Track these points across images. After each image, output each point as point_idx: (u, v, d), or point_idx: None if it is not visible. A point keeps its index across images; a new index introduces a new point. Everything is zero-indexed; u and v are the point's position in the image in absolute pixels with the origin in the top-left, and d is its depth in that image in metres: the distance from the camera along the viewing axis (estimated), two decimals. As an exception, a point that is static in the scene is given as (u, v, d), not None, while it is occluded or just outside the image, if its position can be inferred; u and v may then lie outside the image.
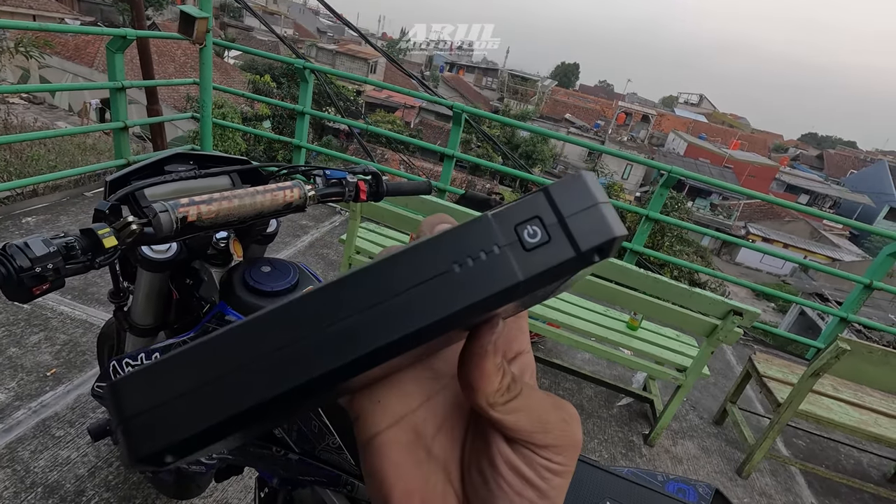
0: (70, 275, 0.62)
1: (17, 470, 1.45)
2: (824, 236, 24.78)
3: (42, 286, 0.59)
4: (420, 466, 0.21)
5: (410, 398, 0.21)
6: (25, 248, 0.57)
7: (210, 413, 0.16)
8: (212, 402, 0.16)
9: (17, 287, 0.57)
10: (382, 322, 0.16)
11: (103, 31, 3.07)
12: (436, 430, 0.21)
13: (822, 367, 1.95)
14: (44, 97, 14.44)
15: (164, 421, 0.16)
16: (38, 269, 0.57)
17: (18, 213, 2.81)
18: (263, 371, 0.16)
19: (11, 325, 1.98)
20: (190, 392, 0.16)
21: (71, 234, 0.63)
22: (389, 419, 0.20)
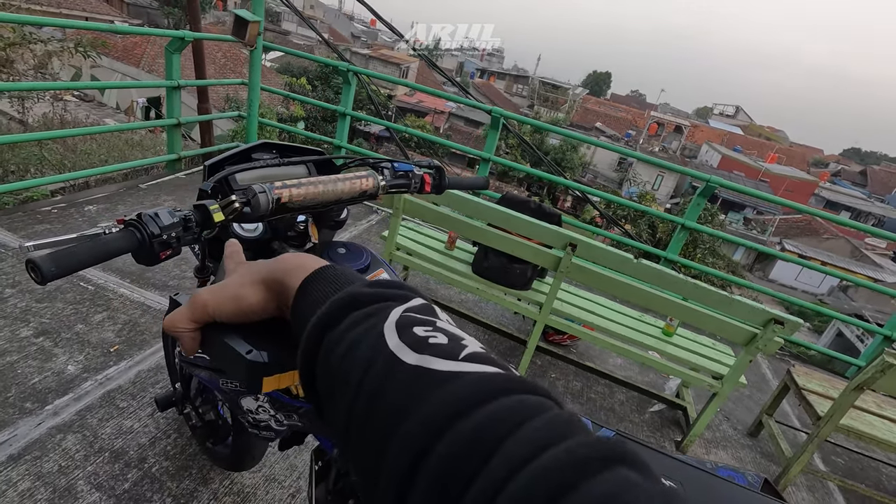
0: (185, 244, 0.70)
1: (87, 435, 1.57)
2: (865, 255, 23.78)
3: (167, 251, 0.67)
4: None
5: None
6: (156, 217, 0.65)
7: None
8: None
9: (149, 251, 0.65)
10: None
11: (165, 32, 3.25)
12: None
13: (866, 381, 1.92)
14: (93, 95, 15.17)
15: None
16: (165, 236, 0.65)
17: (81, 201, 3.00)
18: None
19: (78, 304, 2.12)
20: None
21: (186, 208, 0.71)
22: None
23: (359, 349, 0.30)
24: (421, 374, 0.27)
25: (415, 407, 0.26)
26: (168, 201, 3.27)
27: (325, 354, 0.32)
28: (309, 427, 0.99)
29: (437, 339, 0.30)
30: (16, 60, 6.71)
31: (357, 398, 0.28)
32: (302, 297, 0.37)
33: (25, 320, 1.96)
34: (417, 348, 0.29)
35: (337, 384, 0.30)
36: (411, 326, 0.31)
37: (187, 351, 0.42)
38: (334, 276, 0.38)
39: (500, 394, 0.25)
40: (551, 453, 0.21)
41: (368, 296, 0.34)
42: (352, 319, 0.32)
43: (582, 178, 25.70)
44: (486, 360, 0.28)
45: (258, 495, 1.53)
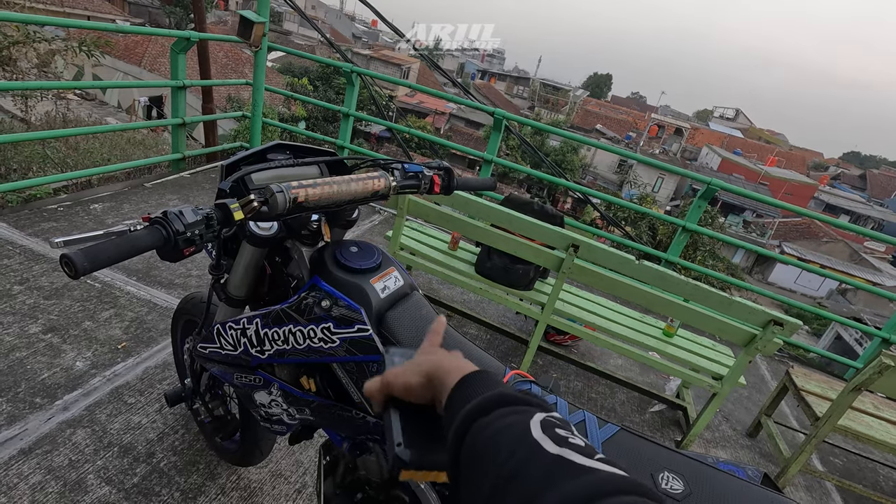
0: (206, 241, 0.73)
1: (96, 430, 1.59)
2: (864, 259, 23.82)
3: (190, 248, 0.69)
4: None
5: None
6: (181, 215, 0.68)
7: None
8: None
9: (173, 248, 0.67)
10: None
11: (171, 33, 3.27)
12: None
13: (863, 381, 1.95)
14: (95, 94, 15.19)
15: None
16: (189, 233, 0.68)
17: (86, 200, 3.02)
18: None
19: (86, 301, 2.14)
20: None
21: (208, 207, 0.74)
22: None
23: (504, 435, 0.38)
24: (563, 461, 0.34)
25: (556, 486, 0.32)
26: (173, 200, 3.29)
27: (473, 435, 0.40)
28: (320, 421, 1.02)
29: (575, 441, 0.37)
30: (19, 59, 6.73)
31: (501, 473, 0.35)
32: (457, 392, 0.47)
33: (34, 317, 1.98)
34: (559, 442, 0.36)
35: (482, 459, 0.37)
36: (553, 427, 0.38)
37: (374, 411, 0.62)
38: (486, 379, 0.48)
39: (626, 492, 0.31)
40: None
41: (516, 397, 0.43)
42: (500, 413, 0.41)
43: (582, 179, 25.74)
44: (614, 465, 0.35)
45: (265, 490, 1.55)
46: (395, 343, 0.85)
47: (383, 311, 0.87)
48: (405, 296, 0.93)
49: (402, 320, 0.87)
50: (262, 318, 0.93)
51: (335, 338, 0.86)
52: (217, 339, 1.02)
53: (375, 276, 0.90)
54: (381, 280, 0.91)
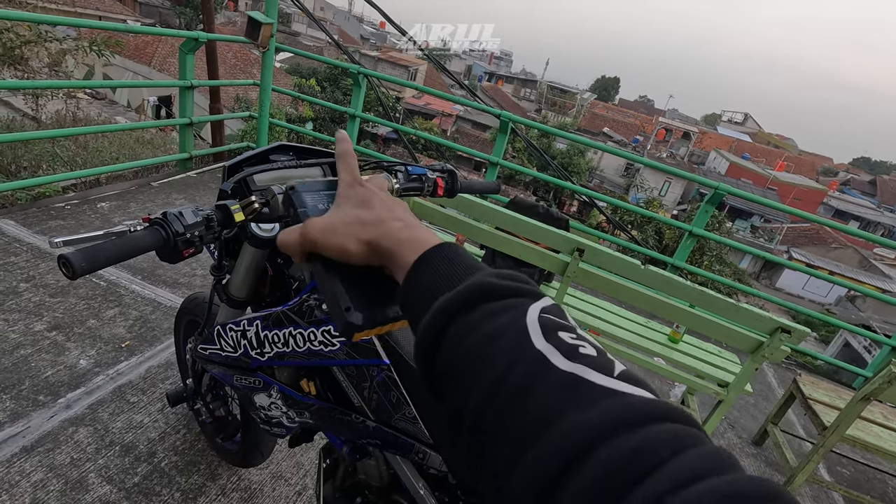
0: (206, 243, 0.72)
1: (98, 429, 1.59)
2: (874, 265, 23.57)
3: (190, 250, 0.68)
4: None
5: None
6: (180, 216, 0.67)
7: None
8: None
9: (172, 249, 0.66)
10: None
11: (180, 33, 3.29)
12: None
13: (873, 391, 1.91)
14: (105, 93, 15.33)
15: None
16: (189, 235, 0.67)
17: (94, 198, 3.04)
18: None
19: (90, 300, 2.15)
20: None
21: (208, 208, 0.73)
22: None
23: (497, 342, 0.31)
24: (579, 382, 0.28)
25: (573, 412, 0.26)
26: (179, 200, 3.31)
27: (454, 339, 0.33)
28: (319, 424, 1.01)
29: (587, 350, 0.30)
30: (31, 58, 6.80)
31: (498, 390, 0.29)
32: (419, 273, 0.39)
33: (39, 314, 1.99)
34: (570, 356, 0.29)
35: (465, 372, 0.31)
36: (556, 330, 0.31)
37: (296, 260, 0.48)
38: (454, 256, 0.39)
39: (661, 419, 0.26)
40: (712, 482, 0.22)
41: (502, 288, 0.35)
42: (486, 310, 0.33)
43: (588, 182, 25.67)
44: (640, 384, 0.29)
45: (265, 492, 1.55)
46: (398, 349, 0.84)
47: None
48: None
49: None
50: (262, 321, 0.93)
51: (336, 341, 0.85)
52: (217, 340, 1.02)
53: None
54: None
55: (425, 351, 0.35)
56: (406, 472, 0.94)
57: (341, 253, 0.44)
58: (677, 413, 0.27)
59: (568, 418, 0.26)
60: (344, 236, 0.44)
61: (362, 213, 0.45)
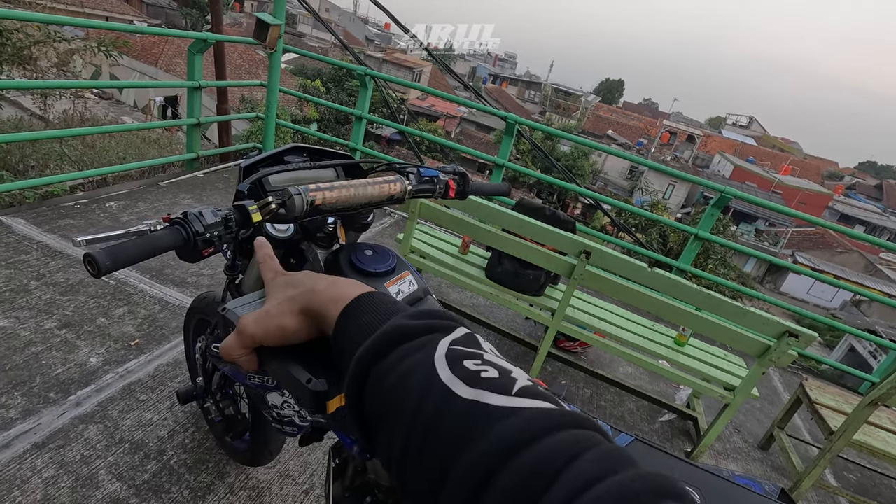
0: (224, 243, 0.73)
1: (108, 426, 1.60)
2: (880, 270, 23.43)
3: (209, 249, 0.69)
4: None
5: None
6: (200, 216, 0.68)
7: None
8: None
9: (193, 249, 0.67)
10: None
11: (189, 34, 3.32)
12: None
13: (880, 396, 1.91)
14: (112, 93, 15.42)
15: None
16: (209, 234, 0.68)
17: (102, 197, 3.06)
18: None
19: (100, 298, 2.17)
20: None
21: (227, 208, 0.74)
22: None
23: (410, 381, 0.32)
24: (478, 407, 0.29)
25: (474, 439, 0.27)
26: (187, 199, 3.33)
27: (375, 385, 0.34)
28: (331, 424, 1.02)
29: (489, 374, 0.31)
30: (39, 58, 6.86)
31: (413, 429, 0.30)
32: (344, 327, 0.40)
33: (50, 312, 2.00)
34: (471, 382, 0.30)
35: (388, 413, 0.32)
36: (461, 360, 0.32)
37: (247, 369, 0.47)
38: (372, 304, 0.40)
39: (556, 429, 0.27)
40: (606, 484, 0.23)
41: (413, 328, 0.36)
42: (400, 353, 0.34)
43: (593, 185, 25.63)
44: (537, 395, 0.30)
45: (272, 490, 1.56)
46: None
47: None
48: (419, 300, 0.92)
49: None
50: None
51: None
52: (231, 339, 1.03)
53: (390, 280, 0.90)
54: (396, 284, 0.91)
55: (353, 401, 0.35)
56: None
57: (282, 332, 0.44)
58: (572, 419, 0.28)
59: (470, 447, 0.27)
60: (278, 316, 0.44)
61: (289, 291, 0.46)
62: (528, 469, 0.25)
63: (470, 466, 0.26)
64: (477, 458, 0.26)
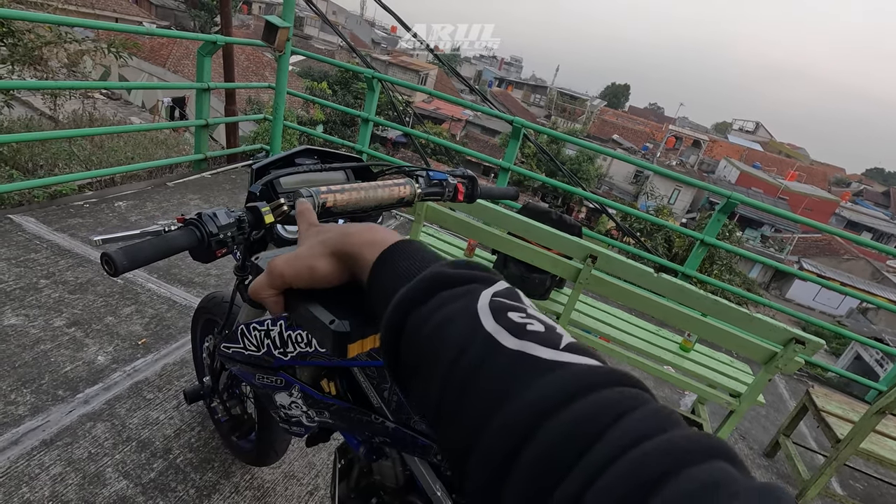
0: (238, 244, 0.74)
1: (115, 424, 1.61)
2: (887, 277, 23.25)
3: (222, 250, 0.70)
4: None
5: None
6: (214, 217, 0.69)
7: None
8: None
9: (206, 249, 0.68)
10: None
11: (198, 36, 3.35)
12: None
13: (888, 405, 1.90)
14: (120, 94, 15.55)
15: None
16: (222, 235, 0.69)
17: (111, 197, 3.09)
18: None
19: (108, 297, 2.19)
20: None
21: (239, 209, 0.75)
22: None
23: (451, 328, 0.31)
24: (524, 359, 0.28)
25: (519, 391, 0.27)
26: (195, 200, 3.35)
27: (413, 331, 0.33)
28: (338, 424, 1.02)
29: (535, 327, 0.31)
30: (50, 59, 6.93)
31: (452, 376, 0.29)
32: (381, 272, 0.39)
33: (59, 310, 2.02)
34: (517, 333, 0.30)
35: (426, 361, 0.32)
36: (505, 311, 0.32)
37: (273, 312, 0.47)
38: (412, 251, 0.39)
39: (603, 385, 0.26)
40: (653, 442, 0.22)
41: (454, 276, 0.35)
42: (440, 299, 0.33)
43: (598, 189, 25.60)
44: (584, 352, 0.29)
45: (277, 491, 1.56)
46: None
47: None
48: None
49: None
50: (285, 321, 0.94)
51: None
52: (241, 339, 1.04)
53: None
54: None
55: (389, 347, 0.35)
56: (423, 473, 0.95)
57: (311, 273, 0.43)
58: (621, 377, 0.27)
59: (515, 397, 0.27)
60: (309, 258, 0.44)
61: (321, 236, 0.46)
62: (573, 424, 0.24)
63: (513, 418, 0.26)
64: (521, 409, 0.26)
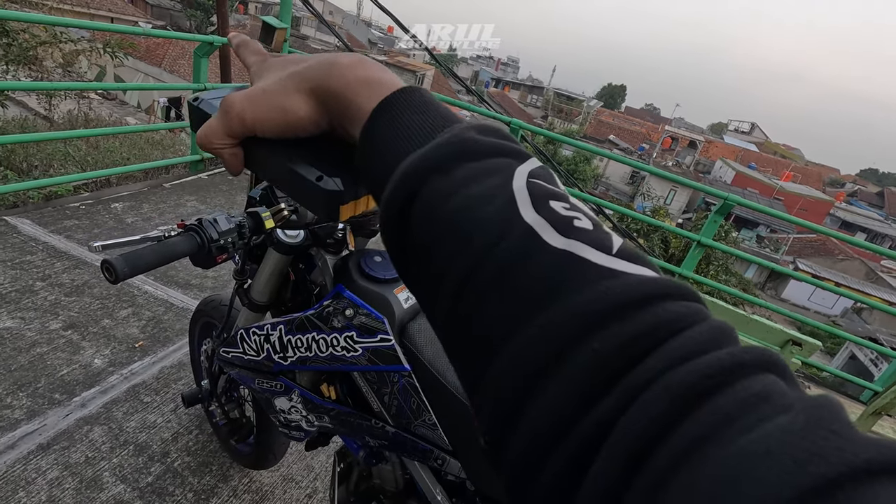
0: (238, 249, 0.74)
1: (112, 428, 1.61)
2: (881, 278, 23.41)
3: (223, 255, 0.70)
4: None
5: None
6: (215, 223, 0.69)
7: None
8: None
9: (207, 255, 0.68)
10: None
11: (195, 37, 3.34)
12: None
13: (884, 406, 1.91)
14: (116, 94, 15.48)
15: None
16: (223, 241, 0.69)
17: (107, 198, 3.07)
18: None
19: (105, 299, 2.17)
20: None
21: (240, 214, 0.75)
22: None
23: (483, 211, 0.27)
24: (574, 261, 0.25)
25: (565, 295, 0.24)
26: (191, 201, 3.34)
27: (430, 203, 0.28)
28: (338, 429, 1.02)
29: (583, 224, 0.27)
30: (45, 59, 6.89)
31: (481, 266, 0.26)
32: (382, 123, 0.31)
33: (55, 313, 2.01)
34: (563, 230, 0.26)
35: (445, 241, 0.27)
36: (547, 199, 0.27)
37: (231, 169, 0.37)
38: (422, 103, 0.32)
39: (662, 299, 0.24)
40: (712, 355, 0.21)
41: (482, 146, 0.29)
42: (467, 171, 0.28)
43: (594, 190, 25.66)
44: (639, 260, 0.26)
45: (276, 494, 1.56)
46: (419, 356, 0.85)
47: (406, 321, 0.88)
48: None
49: (424, 332, 0.88)
50: (285, 325, 0.94)
51: (358, 347, 0.87)
52: (240, 343, 1.03)
53: (399, 287, 0.91)
54: (405, 290, 0.91)
55: (392, 219, 0.29)
56: (424, 477, 0.95)
57: (283, 116, 0.34)
58: (678, 290, 0.25)
59: (560, 302, 0.24)
60: (280, 94, 0.34)
61: (292, 67, 0.35)
62: (625, 337, 0.22)
63: (560, 319, 0.23)
64: (565, 317, 0.23)
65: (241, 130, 0.35)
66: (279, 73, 0.35)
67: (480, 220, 0.26)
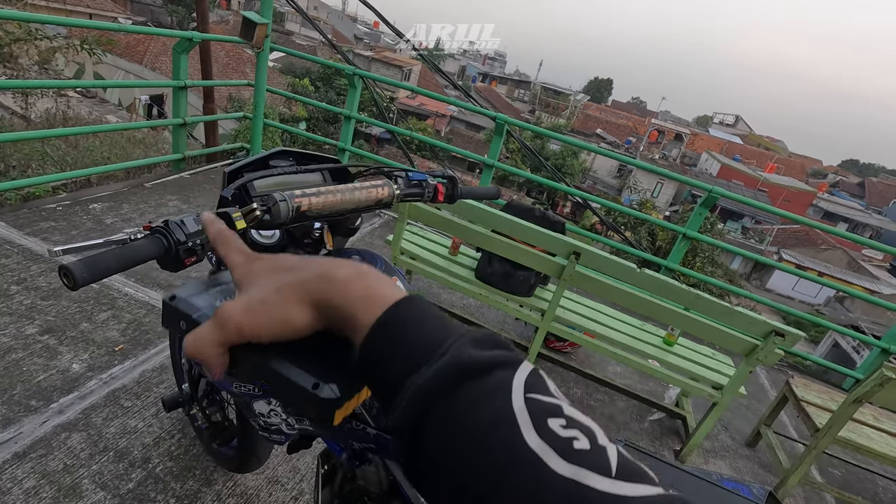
0: (208, 251, 0.72)
1: (92, 434, 1.57)
2: (863, 267, 23.87)
3: (191, 258, 0.68)
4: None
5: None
6: (182, 224, 0.66)
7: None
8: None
9: (174, 258, 0.66)
10: None
11: (174, 33, 3.27)
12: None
13: (864, 394, 1.94)
14: (96, 91, 15.15)
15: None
16: (190, 243, 0.67)
17: (85, 199, 3.00)
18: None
19: (83, 302, 2.13)
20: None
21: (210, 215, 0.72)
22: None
23: (490, 439, 0.28)
24: (578, 491, 0.25)
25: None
26: (173, 201, 3.28)
27: (441, 427, 0.29)
28: (318, 431, 1.00)
29: (581, 444, 0.28)
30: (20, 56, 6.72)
31: (492, 496, 0.26)
32: (381, 340, 0.33)
33: (31, 317, 1.96)
34: (566, 455, 0.27)
35: (458, 463, 0.28)
36: (545, 418, 0.28)
37: (214, 373, 0.37)
38: (419, 314, 0.33)
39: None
40: None
41: (479, 363, 0.31)
42: (470, 394, 0.29)
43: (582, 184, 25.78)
44: (638, 477, 0.27)
45: (261, 497, 1.54)
46: None
47: None
48: None
49: None
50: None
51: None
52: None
53: None
54: None
55: (405, 433, 0.31)
56: (405, 479, 0.94)
57: (282, 327, 0.35)
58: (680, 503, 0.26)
59: None
60: (279, 305, 0.35)
61: (288, 276, 0.37)
62: None
63: None
64: None
65: (236, 341, 0.36)
66: (273, 282, 0.36)
67: (487, 449, 0.27)
